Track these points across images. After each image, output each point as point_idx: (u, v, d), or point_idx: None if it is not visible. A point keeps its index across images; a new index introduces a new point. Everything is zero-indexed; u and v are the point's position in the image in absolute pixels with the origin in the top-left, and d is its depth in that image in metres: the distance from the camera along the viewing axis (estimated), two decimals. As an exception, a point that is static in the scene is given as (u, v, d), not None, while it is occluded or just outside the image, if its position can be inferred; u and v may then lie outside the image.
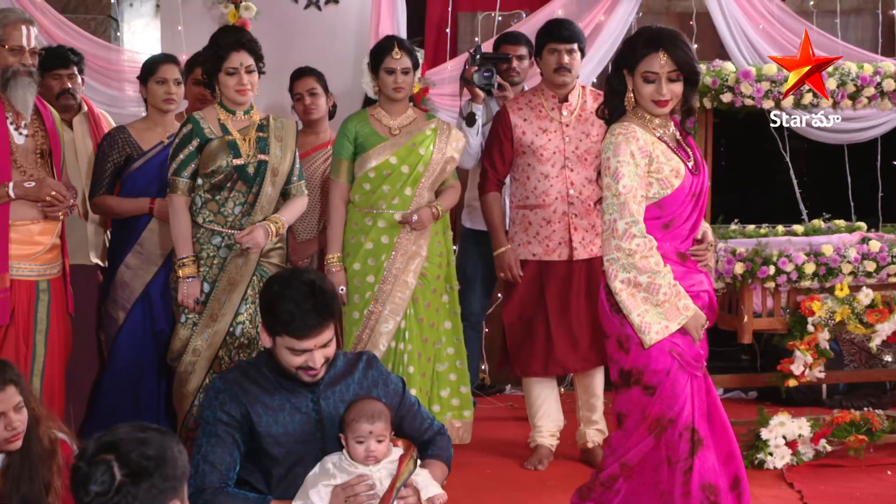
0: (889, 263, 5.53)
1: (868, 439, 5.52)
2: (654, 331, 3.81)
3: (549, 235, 5.39)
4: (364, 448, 3.41)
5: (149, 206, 5.26)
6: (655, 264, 3.79)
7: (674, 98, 3.87)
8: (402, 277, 5.19)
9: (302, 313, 3.42)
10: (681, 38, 3.87)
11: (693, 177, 3.90)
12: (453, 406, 5.38)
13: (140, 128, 5.41)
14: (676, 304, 3.81)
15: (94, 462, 2.17)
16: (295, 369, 3.46)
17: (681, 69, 3.83)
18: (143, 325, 5.28)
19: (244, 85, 4.78)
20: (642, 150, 3.83)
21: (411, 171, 5.20)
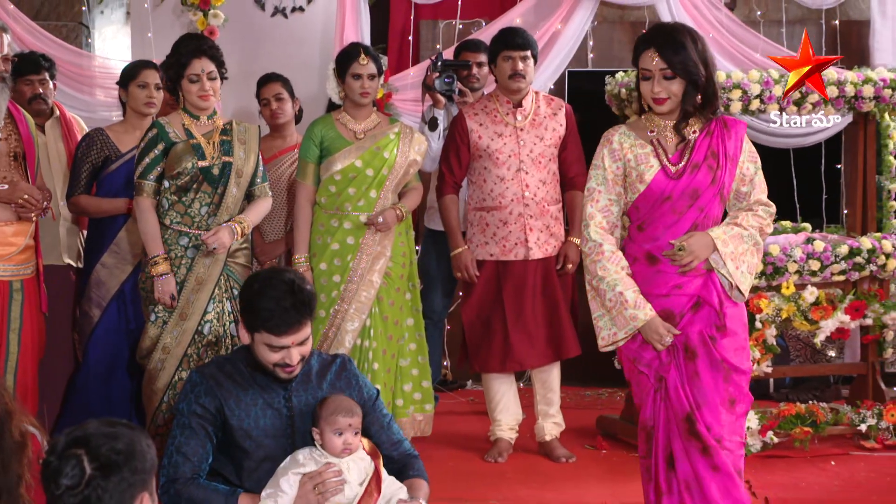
0: (832, 263, 5.58)
1: (813, 431, 5.57)
2: (601, 336, 3.77)
3: (505, 236, 5.40)
4: (342, 440, 3.40)
5: (126, 206, 5.23)
6: (601, 269, 3.73)
7: (672, 97, 3.73)
8: (367, 277, 5.19)
9: (281, 311, 3.41)
10: (678, 36, 3.74)
11: (668, 181, 3.76)
12: (415, 400, 5.39)
13: (118, 130, 5.39)
14: (623, 313, 3.70)
15: (65, 456, 2.17)
16: (272, 366, 3.45)
17: (672, 68, 3.70)
18: (117, 322, 5.26)
19: (206, 91, 4.78)
20: (614, 154, 3.80)
21: (376, 174, 5.20)
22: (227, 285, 4.86)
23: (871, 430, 5.65)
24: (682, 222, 3.77)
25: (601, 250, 3.75)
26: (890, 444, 5.64)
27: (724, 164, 3.78)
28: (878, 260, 5.65)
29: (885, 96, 5.61)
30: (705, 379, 3.77)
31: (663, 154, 3.79)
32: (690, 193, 3.75)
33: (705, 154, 3.78)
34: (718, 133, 3.81)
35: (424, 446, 5.63)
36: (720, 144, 3.80)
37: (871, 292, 5.70)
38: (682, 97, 3.73)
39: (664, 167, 3.77)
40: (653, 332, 3.70)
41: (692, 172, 3.76)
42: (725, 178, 3.79)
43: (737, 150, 3.83)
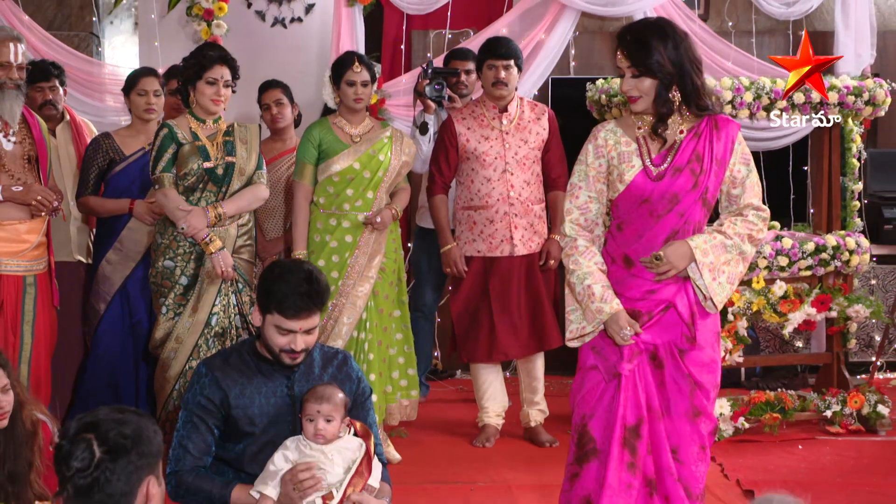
0: (800, 259, 5.59)
1: (782, 417, 5.58)
2: (569, 329, 3.60)
3: (492, 234, 5.40)
4: (313, 426, 3.38)
5: (128, 206, 5.23)
6: (573, 263, 3.56)
7: (644, 95, 3.49)
8: (364, 273, 5.18)
9: (295, 295, 3.40)
10: (645, 35, 3.47)
11: (649, 182, 3.53)
12: (402, 386, 5.38)
13: (124, 134, 5.39)
14: (589, 306, 3.51)
15: (76, 441, 2.16)
16: (278, 350, 3.42)
17: (635, 66, 3.47)
18: (121, 316, 5.26)
19: (220, 96, 4.80)
20: (598, 150, 3.60)
21: (373, 175, 5.20)
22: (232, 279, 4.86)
23: (835, 416, 5.66)
24: (660, 226, 3.54)
25: (575, 245, 3.59)
26: (853, 429, 5.65)
27: (709, 168, 3.52)
28: (843, 256, 5.66)
29: (849, 102, 5.62)
30: (671, 389, 3.57)
31: (647, 154, 3.56)
32: (670, 198, 3.52)
33: (689, 157, 3.52)
34: (707, 134, 3.54)
35: (416, 432, 5.65)
36: (707, 146, 3.53)
37: (835, 287, 5.72)
38: (656, 97, 3.50)
39: (645, 168, 3.54)
40: (615, 325, 3.48)
41: (673, 176, 3.51)
42: (709, 183, 3.53)
43: (726, 153, 3.54)
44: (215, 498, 3.35)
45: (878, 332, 6.77)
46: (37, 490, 3.33)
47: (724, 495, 4.80)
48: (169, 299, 4.81)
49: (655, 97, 3.50)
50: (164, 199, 4.79)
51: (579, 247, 3.59)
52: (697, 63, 3.52)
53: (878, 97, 5.66)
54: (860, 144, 5.83)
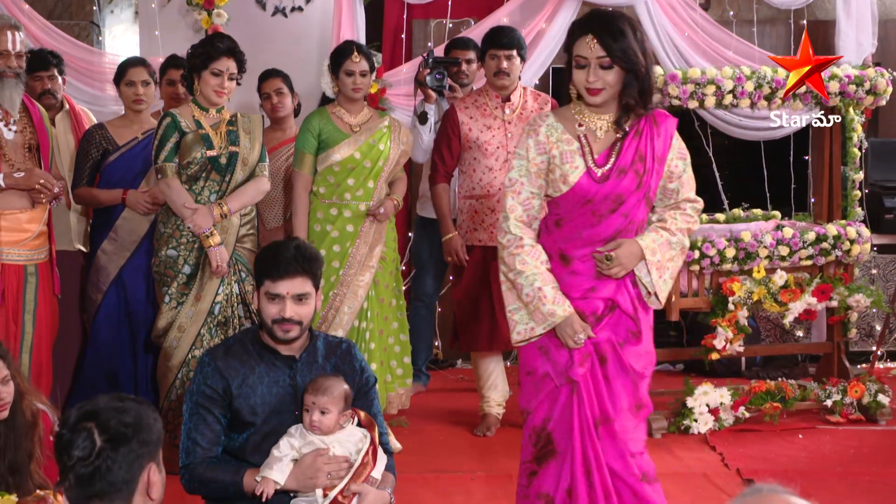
0: (800, 248, 5.58)
1: (782, 406, 5.58)
2: (516, 330, 3.44)
3: (493, 223, 5.40)
4: (308, 417, 3.37)
5: (121, 196, 5.21)
6: (520, 263, 3.40)
7: (607, 87, 3.32)
8: (366, 263, 5.18)
9: (282, 258, 3.39)
10: (617, 23, 3.30)
11: (593, 184, 3.39)
12: (398, 375, 5.38)
13: (117, 125, 5.37)
14: (539, 309, 3.37)
15: (76, 429, 2.16)
16: (270, 322, 3.39)
17: (610, 55, 3.28)
18: (117, 305, 5.25)
19: (223, 88, 4.79)
20: (539, 146, 3.42)
21: (373, 165, 5.19)
22: (235, 269, 4.86)
23: (836, 406, 5.66)
24: (602, 226, 3.44)
25: (521, 243, 3.42)
26: (854, 418, 5.65)
27: (651, 167, 3.42)
28: (843, 246, 5.65)
29: (850, 92, 5.61)
30: (615, 385, 3.49)
31: (589, 154, 3.41)
32: (614, 199, 3.41)
33: (633, 158, 3.41)
34: (647, 132, 3.43)
35: (417, 421, 5.65)
36: (648, 145, 3.42)
37: (836, 276, 5.71)
38: (623, 89, 3.34)
39: (589, 169, 3.40)
40: (568, 329, 3.37)
41: (618, 177, 3.40)
42: (652, 181, 3.44)
43: (665, 149, 3.45)
44: (228, 485, 3.34)
45: (878, 322, 6.76)
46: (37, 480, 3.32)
47: (724, 485, 4.80)
48: (172, 288, 4.81)
49: (623, 88, 3.34)
50: (168, 190, 4.78)
51: (525, 245, 3.44)
52: (652, 58, 3.44)
53: (880, 86, 5.65)
54: (861, 134, 5.82)
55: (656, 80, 3.45)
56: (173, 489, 3.34)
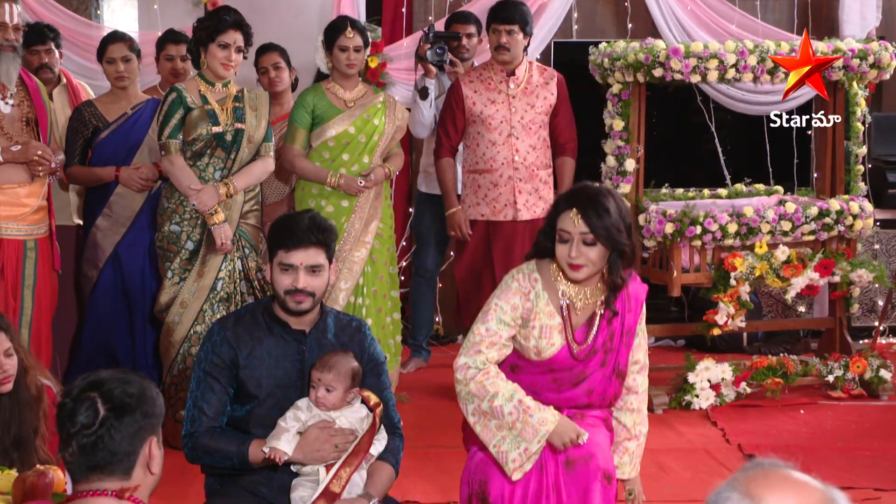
0: (803, 223, 5.59)
1: (783, 382, 5.60)
2: (511, 460, 3.22)
3: (496, 198, 5.41)
4: (314, 393, 3.37)
5: (114, 173, 5.20)
6: (492, 385, 3.23)
7: (590, 264, 3.21)
8: (361, 238, 5.19)
9: (296, 229, 3.37)
10: (602, 200, 3.19)
11: (570, 361, 3.30)
12: (392, 354, 5.40)
13: (106, 101, 5.34)
14: (529, 422, 3.17)
15: (80, 399, 2.17)
16: (283, 293, 3.38)
17: (594, 233, 3.18)
18: (113, 282, 5.24)
19: (230, 61, 4.77)
20: (519, 309, 3.30)
21: (368, 140, 5.20)
22: (238, 245, 4.87)
23: (838, 381, 5.68)
24: (563, 396, 3.35)
25: (488, 371, 3.28)
26: (855, 393, 5.67)
27: (619, 344, 3.34)
28: (846, 221, 5.66)
29: (854, 66, 5.59)
30: None
31: (570, 332, 3.31)
32: (577, 374, 3.33)
33: (604, 338, 3.33)
34: (620, 305, 3.33)
35: (418, 397, 5.67)
36: (619, 321, 3.34)
37: (838, 251, 5.71)
38: (609, 268, 3.24)
39: (569, 346, 3.31)
40: (565, 432, 3.18)
41: (587, 358, 3.33)
42: (620, 357, 3.35)
43: (635, 320, 3.37)
44: (233, 455, 3.33)
45: (880, 297, 6.77)
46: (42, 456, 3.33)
47: (725, 460, 4.82)
48: (174, 264, 4.82)
49: (609, 269, 3.25)
50: (172, 168, 4.77)
51: (492, 371, 3.29)
52: (633, 233, 3.30)
53: (884, 60, 5.63)
54: (865, 108, 5.81)
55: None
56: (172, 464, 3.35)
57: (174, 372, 4.82)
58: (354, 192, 5.14)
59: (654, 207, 5.50)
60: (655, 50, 5.36)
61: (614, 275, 3.25)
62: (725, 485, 1.62)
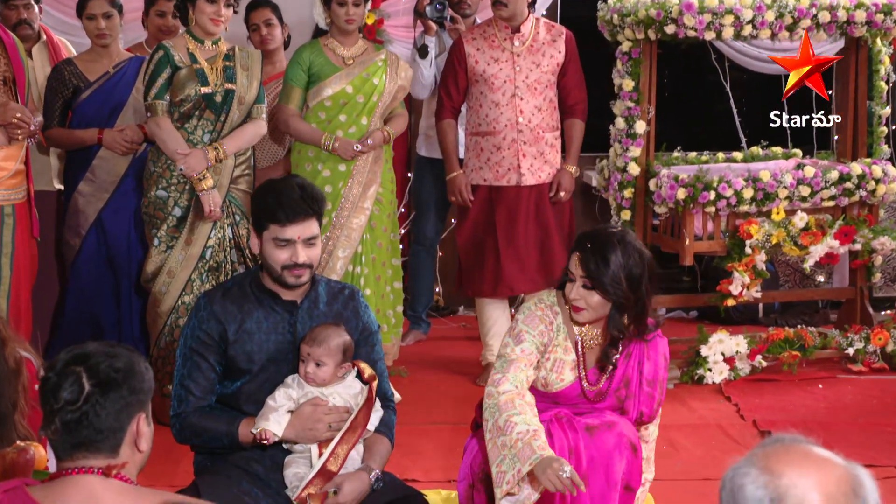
0: (822, 188, 5.58)
1: (801, 355, 5.61)
2: (506, 481, 3.20)
3: (498, 161, 5.40)
4: (303, 368, 3.37)
5: (97, 136, 5.19)
6: (520, 406, 3.25)
7: (589, 309, 3.32)
8: (359, 204, 5.18)
9: (288, 201, 3.35)
10: (607, 248, 3.27)
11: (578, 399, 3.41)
12: (392, 325, 5.41)
13: (86, 59, 5.31)
14: (531, 444, 3.15)
15: (64, 373, 2.17)
16: (280, 270, 3.37)
17: (591, 280, 3.28)
18: (97, 250, 5.24)
19: (220, 16, 4.75)
20: (545, 336, 3.40)
21: (367, 100, 5.18)
22: (229, 211, 4.87)
23: (858, 354, 5.69)
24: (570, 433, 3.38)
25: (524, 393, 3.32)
26: (877, 367, 5.68)
27: (637, 392, 3.42)
28: (868, 185, 5.65)
29: (877, 21, 5.57)
30: None
31: (583, 368, 3.42)
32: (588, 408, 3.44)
33: (618, 384, 3.42)
34: (637, 355, 3.42)
35: (417, 370, 5.69)
36: (636, 369, 3.42)
37: (860, 218, 5.71)
38: (608, 320, 3.35)
39: (581, 384, 3.42)
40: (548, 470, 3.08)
41: (600, 399, 3.44)
42: (642, 407, 3.43)
43: (657, 370, 3.43)
44: (222, 435, 3.35)
45: (903, 266, 6.79)
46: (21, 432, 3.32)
47: (739, 436, 4.84)
48: (161, 231, 4.81)
49: (608, 320, 3.35)
50: (158, 130, 4.76)
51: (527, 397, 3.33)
52: (650, 285, 3.35)
53: (910, 16, 5.61)
54: (889, 66, 5.79)
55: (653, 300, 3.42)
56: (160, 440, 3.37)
57: (161, 344, 4.83)
58: (350, 157, 5.13)
59: (665, 172, 5.49)
60: (668, 5, 5.33)
61: (612, 327, 3.35)
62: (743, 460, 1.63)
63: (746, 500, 1.60)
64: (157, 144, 4.81)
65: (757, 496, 1.59)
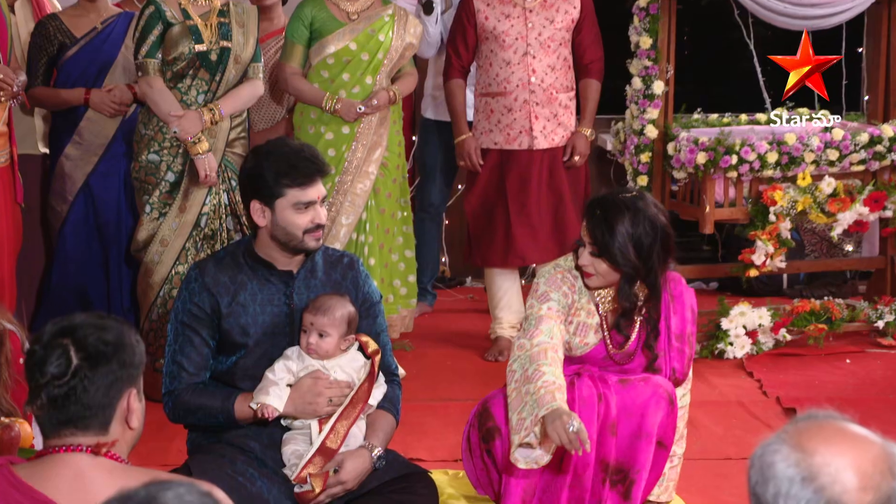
0: (851, 152, 5.56)
1: (828, 328, 5.60)
2: (524, 427, 3.22)
3: (509, 124, 5.38)
4: (305, 338, 3.37)
5: (84, 96, 5.17)
6: (552, 360, 3.32)
7: (598, 276, 3.43)
8: (363, 168, 5.17)
9: (303, 162, 3.36)
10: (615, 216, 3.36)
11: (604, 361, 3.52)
12: (401, 295, 5.41)
13: (72, 14, 5.29)
14: (554, 393, 3.20)
15: (51, 346, 2.16)
16: (301, 234, 3.37)
17: (597, 247, 3.38)
18: (85, 217, 5.24)
19: None
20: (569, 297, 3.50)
21: (371, 58, 5.15)
22: (224, 176, 4.86)
23: (888, 327, 5.69)
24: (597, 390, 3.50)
25: (557, 346, 3.39)
26: (908, 341, 5.69)
27: (667, 348, 3.53)
28: (900, 149, 5.64)
29: (911, -27, 5.55)
30: None
31: (607, 332, 3.53)
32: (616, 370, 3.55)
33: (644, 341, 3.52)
34: (663, 310, 3.52)
35: (422, 344, 5.69)
36: (663, 325, 3.53)
37: (891, 183, 5.69)
38: (618, 289, 3.44)
39: (606, 346, 3.53)
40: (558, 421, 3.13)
41: (627, 361, 3.55)
42: (675, 364, 3.55)
43: (684, 324, 3.55)
44: (217, 412, 3.35)
45: (936, 235, 6.76)
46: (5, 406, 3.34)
47: (762, 414, 4.84)
48: (153, 197, 4.80)
49: (619, 290, 3.43)
50: (150, 91, 4.74)
51: (560, 351, 3.42)
52: (668, 253, 3.43)
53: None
54: (924, 22, 5.76)
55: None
56: (154, 417, 3.38)
57: (153, 316, 4.83)
58: (353, 119, 5.11)
59: (684, 135, 5.48)
60: (688, -43, 5.30)
61: (622, 297, 3.43)
62: (774, 437, 1.62)
63: (776, 478, 1.59)
64: (149, 106, 4.80)
65: (788, 475, 1.58)
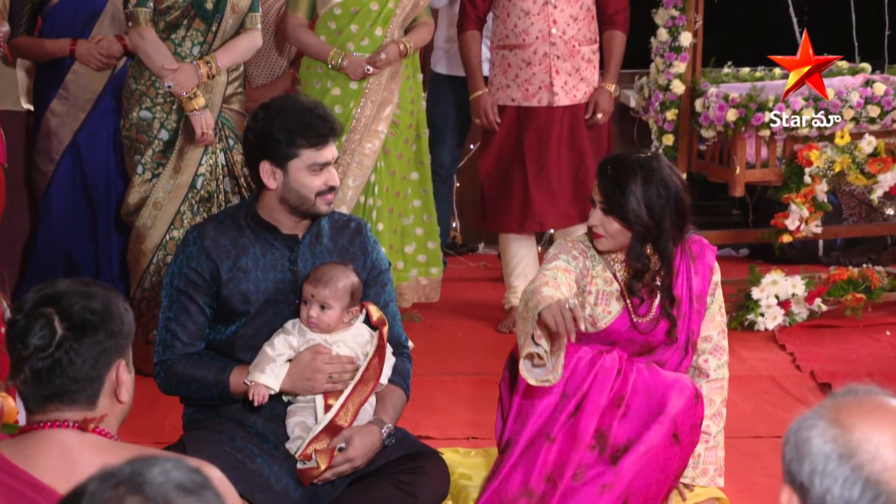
0: (894, 109, 5.54)
1: (866, 298, 5.60)
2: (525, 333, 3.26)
3: (528, 79, 5.36)
4: (305, 311, 3.36)
5: (69, 47, 5.16)
6: (553, 284, 3.31)
7: (608, 237, 3.45)
8: (372, 126, 5.15)
9: (318, 121, 3.36)
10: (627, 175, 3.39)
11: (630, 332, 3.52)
12: (419, 262, 5.41)
13: None
14: (553, 296, 3.20)
15: (33, 315, 2.15)
16: (314, 196, 3.37)
17: (609, 205, 3.40)
18: (72, 178, 5.26)
19: None
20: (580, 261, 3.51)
21: (381, 8, 5.13)
22: (221, 135, 4.85)
23: (931, 297, 5.69)
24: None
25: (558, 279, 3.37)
26: (952, 311, 5.68)
27: (689, 312, 3.54)
28: (946, 105, 5.61)
29: None
30: None
31: (628, 298, 3.52)
32: (641, 346, 3.56)
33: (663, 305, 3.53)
34: (684, 271, 3.54)
35: (432, 315, 5.69)
36: (684, 286, 3.55)
37: (936, 142, 5.68)
38: (629, 249, 3.45)
39: (629, 316, 3.52)
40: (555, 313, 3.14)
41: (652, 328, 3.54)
42: (692, 325, 3.55)
43: (705, 285, 3.56)
44: (211, 385, 3.35)
45: (984, 198, 6.74)
46: (-13, 380, 3.36)
47: (794, 389, 4.85)
48: (146, 157, 4.80)
49: (629, 250, 3.46)
50: (141, 42, 4.73)
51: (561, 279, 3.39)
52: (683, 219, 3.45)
53: None
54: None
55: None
56: (144, 392, 3.38)
57: (146, 285, 4.83)
58: (360, 77, 5.09)
59: (713, 90, 5.47)
60: None
61: (632, 258, 3.45)
62: (811, 412, 1.61)
63: (812, 455, 1.58)
64: (140, 58, 4.79)
65: (825, 451, 1.57)
